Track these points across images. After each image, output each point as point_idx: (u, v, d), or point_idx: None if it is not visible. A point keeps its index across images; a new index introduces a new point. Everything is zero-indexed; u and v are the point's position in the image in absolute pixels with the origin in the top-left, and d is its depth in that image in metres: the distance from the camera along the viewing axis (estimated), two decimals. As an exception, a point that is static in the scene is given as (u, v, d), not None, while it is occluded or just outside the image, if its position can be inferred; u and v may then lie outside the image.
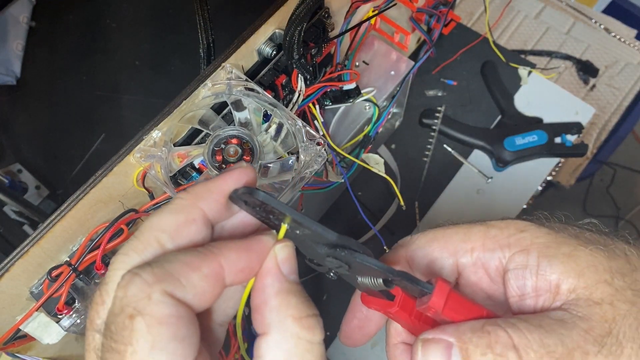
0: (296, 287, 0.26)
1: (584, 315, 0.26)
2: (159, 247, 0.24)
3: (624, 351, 0.25)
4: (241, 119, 0.43)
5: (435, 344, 0.26)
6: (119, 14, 0.92)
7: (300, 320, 0.24)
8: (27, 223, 0.70)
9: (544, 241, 0.28)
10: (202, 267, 0.23)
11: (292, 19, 0.43)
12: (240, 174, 0.27)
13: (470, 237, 0.30)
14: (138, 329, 0.21)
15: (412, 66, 0.60)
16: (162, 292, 0.22)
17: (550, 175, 0.82)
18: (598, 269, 0.27)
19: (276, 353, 0.24)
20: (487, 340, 0.25)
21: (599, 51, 0.90)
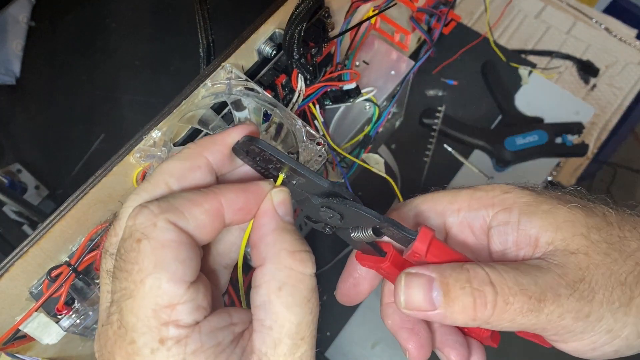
0: (290, 226, 0.28)
1: (559, 262, 0.28)
2: (167, 188, 0.27)
3: (595, 297, 0.27)
4: (241, 119, 0.43)
5: (417, 278, 0.28)
6: (118, 14, 0.92)
7: (293, 254, 0.27)
8: (27, 223, 0.70)
9: (525, 200, 0.30)
10: (204, 203, 0.26)
11: (292, 19, 0.43)
12: (244, 129, 0.29)
13: (457, 199, 0.32)
14: (144, 250, 0.24)
15: (413, 66, 0.60)
16: (166, 220, 0.25)
17: (550, 175, 0.81)
18: (575, 224, 0.29)
19: (270, 282, 0.26)
20: (466, 276, 0.27)
21: (600, 51, 0.90)
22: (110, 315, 0.25)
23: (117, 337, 0.24)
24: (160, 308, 0.24)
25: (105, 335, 0.25)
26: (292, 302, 0.26)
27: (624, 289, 0.27)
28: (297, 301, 0.26)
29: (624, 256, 0.28)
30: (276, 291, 0.26)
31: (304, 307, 0.26)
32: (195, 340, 0.24)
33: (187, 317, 0.24)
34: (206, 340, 0.24)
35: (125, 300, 0.24)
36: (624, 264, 0.28)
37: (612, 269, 0.28)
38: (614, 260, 0.28)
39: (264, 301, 0.26)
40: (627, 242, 0.29)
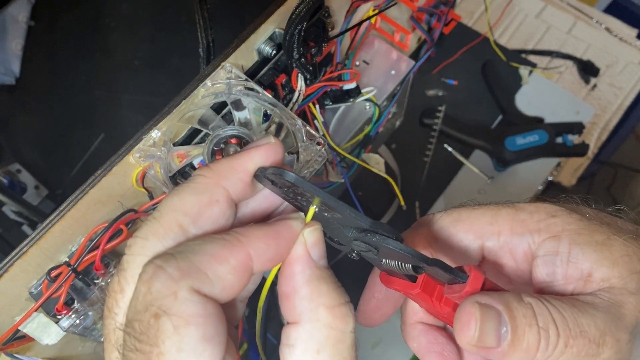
0: (327, 273, 0.24)
1: (616, 302, 0.25)
2: (181, 232, 0.23)
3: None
4: (241, 119, 0.43)
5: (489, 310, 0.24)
6: (118, 14, 0.92)
7: (332, 310, 0.23)
8: (26, 223, 0.70)
9: (575, 228, 0.27)
10: (230, 259, 0.22)
11: (292, 18, 0.43)
12: (268, 150, 0.25)
13: (498, 220, 0.29)
14: (164, 330, 0.20)
15: (413, 66, 0.60)
16: (189, 289, 0.21)
17: (551, 175, 0.81)
18: (632, 259, 0.26)
19: (308, 343, 0.23)
20: (532, 312, 0.24)
21: (600, 51, 0.90)
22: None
23: None
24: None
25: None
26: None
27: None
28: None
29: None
30: (314, 354, 0.23)
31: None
32: None
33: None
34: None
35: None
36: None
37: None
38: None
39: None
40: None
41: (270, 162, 0.25)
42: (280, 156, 0.26)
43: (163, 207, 0.24)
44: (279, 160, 0.26)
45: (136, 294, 0.21)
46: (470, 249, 0.29)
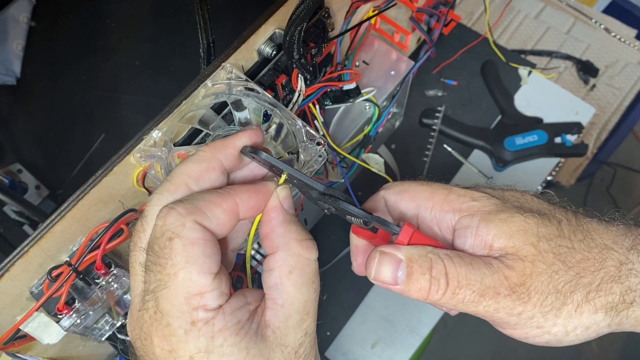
0: (295, 218, 0.33)
1: (508, 265, 0.32)
2: (187, 189, 0.31)
3: (530, 300, 0.31)
4: (241, 119, 0.43)
5: (389, 258, 0.33)
6: (119, 14, 0.92)
7: (300, 242, 0.31)
8: (27, 223, 0.70)
9: (488, 209, 0.34)
10: (222, 204, 0.30)
11: (292, 19, 0.43)
12: (251, 134, 0.34)
13: (433, 197, 0.36)
14: (176, 247, 0.28)
15: (412, 66, 0.60)
16: (193, 221, 0.29)
17: (550, 175, 0.82)
18: (527, 233, 0.32)
19: (282, 266, 0.31)
20: (428, 264, 0.32)
21: (599, 51, 0.90)
22: (146, 302, 0.29)
23: (153, 320, 0.29)
24: (191, 296, 0.28)
25: (141, 319, 0.29)
26: (301, 283, 0.31)
27: (558, 295, 0.32)
28: (305, 282, 0.31)
29: (566, 267, 0.32)
30: (287, 274, 0.31)
31: (310, 287, 0.31)
32: (220, 320, 0.29)
33: (213, 302, 0.29)
34: (229, 319, 0.29)
35: (161, 290, 0.28)
36: (565, 274, 0.32)
37: (552, 278, 0.32)
38: (555, 271, 0.32)
39: (276, 283, 0.31)
40: (573, 254, 0.32)
41: (252, 142, 0.34)
42: (261, 138, 0.34)
43: (174, 172, 0.32)
44: (260, 141, 0.34)
45: (155, 227, 0.29)
46: (408, 215, 0.37)
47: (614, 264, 0.32)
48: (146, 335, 0.29)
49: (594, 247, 0.33)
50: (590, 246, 0.33)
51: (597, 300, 0.32)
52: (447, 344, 1.16)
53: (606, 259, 0.32)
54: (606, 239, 0.33)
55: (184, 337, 0.28)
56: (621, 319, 0.32)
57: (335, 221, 0.76)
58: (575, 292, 0.32)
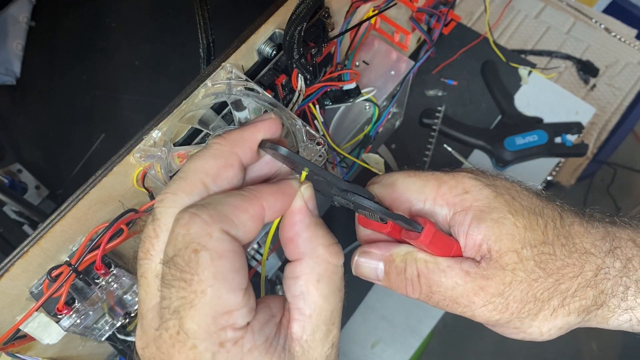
0: (320, 221, 0.30)
1: (487, 274, 0.32)
2: (204, 189, 0.28)
3: (508, 308, 0.32)
4: (241, 119, 0.43)
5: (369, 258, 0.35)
6: (118, 14, 0.92)
7: (328, 248, 0.29)
8: (27, 223, 0.70)
9: (480, 205, 0.34)
10: (249, 209, 0.27)
11: (292, 19, 0.43)
12: (270, 125, 0.31)
13: (425, 190, 0.35)
14: (203, 261, 0.25)
15: (412, 66, 0.60)
16: (220, 230, 0.26)
17: (550, 175, 0.82)
18: (514, 239, 0.32)
19: (310, 275, 0.28)
20: (402, 267, 0.34)
21: (599, 51, 0.90)
22: (166, 320, 0.26)
23: (175, 341, 0.26)
24: (220, 315, 0.26)
25: (160, 339, 0.27)
26: (328, 292, 0.29)
27: (536, 302, 0.32)
28: (332, 291, 0.29)
29: (546, 274, 0.32)
30: (315, 283, 0.28)
31: (337, 295, 0.29)
32: (249, 340, 0.26)
33: (242, 320, 0.26)
34: (258, 337, 0.27)
35: (186, 309, 0.25)
36: (544, 281, 0.32)
37: (531, 286, 0.32)
38: (534, 279, 0.32)
39: (302, 292, 0.28)
40: (554, 261, 0.33)
41: (271, 134, 0.31)
42: (279, 129, 0.32)
43: (187, 169, 0.29)
44: (277, 132, 0.31)
45: (175, 235, 0.26)
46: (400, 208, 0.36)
47: (592, 269, 0.33)
48: (165, 357, 0.26)
49: (574, 252, 0.33)
50: (571, 251, 0.33)
51: (571, 305, 0.33)
52: (447, 344, 1.16)
53: (584, 264, 0.33)
54: (586, 243, 0.34)
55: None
56: (590, 317, 0.34)
57: (332, 218, 0.76)
58: (552, 299, 0.32)
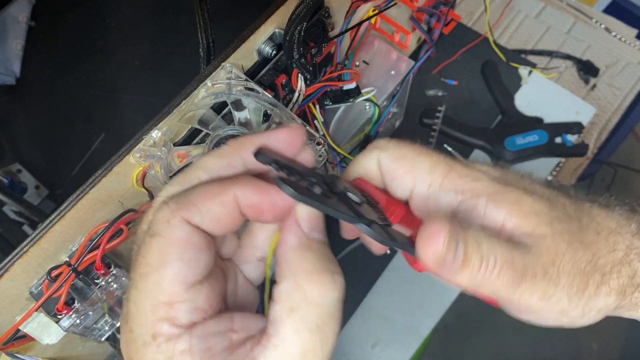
0: (316, 244, 0.27)
1: (533, 243, 0.29)
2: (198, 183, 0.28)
3: (560, 281, 0.29)
4: (241, 119, 0.43)
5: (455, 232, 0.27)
6: (118, 14, 0.92)
7: (311, 274, 0.25)
8: (27, 223, 0.70)
9: (493, 190, 0.31)
10: (220, 195, 0.26)
11: (292, 19, 0.43)
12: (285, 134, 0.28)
13: (434, 172, 0.32)
14: (153, 246, 0.25)
15: (413, 66, 0.60)
16: (181, 218, 0.25)
17: (550, 175, 0.81)
18: (539, 215, 0.30)
19: (285, 301, 0.25)
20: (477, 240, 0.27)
21: (600, 51, 0.90)
22: (123, 300, 0.27)
23: (123, 321, 0.26)
24: (159, 304, 0.25)
25: (121, 316, 0.27)
26: (302, 326, 0.25)
27: (582, 277, 0.29)
28: (308, 327, 0.25)
29: (584, 246, 0.30)
30: (288, 312, 0.25)
31: (315, 334, 0.25)
32: (185, 341, 0.25)
33: (184, 317, 0.25)
34: (196, 343, 0.25)
35: (132, 290, 0.26)
36: (584, 253, 0.30)
37: (575, 258, 0.29)
38: (575, 250, 0.29)
39: (275, 318, 0.25)
40: (586, 235, 0.30)
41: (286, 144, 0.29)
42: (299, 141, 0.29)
43: (193, 164, 0.29)
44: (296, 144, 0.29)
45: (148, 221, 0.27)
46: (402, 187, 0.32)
47: (622, 248, 0.31)
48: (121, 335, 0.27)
49: (601, 230, 0.31)
50: (597, 230, 0.31)
51: (611, 282, 0.30)
52: (447, 344, 1.16)
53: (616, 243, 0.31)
54: (610, 223, 0.32)
55: (142, 350, 0.25)
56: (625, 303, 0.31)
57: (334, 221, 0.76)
58: (594, 273, 0.30)
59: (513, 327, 0.87)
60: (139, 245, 0.26)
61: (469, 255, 0.27)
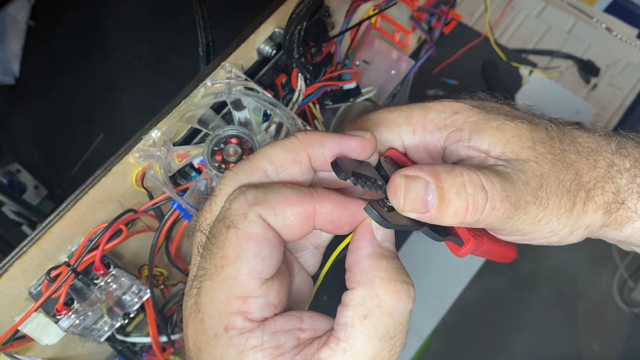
0: (389, 253, 0.27)
1: (520, 169, 0.29)
2: (264, 176, 0.28)
3: (549, 203, 0.29)
4: (241, 119, 0.43)
5: (415, 181, 0.27)
6: (118, 14, 0.92)
7: (387, 283, 0.26)
8: (26, 223, 0.70)
9: (475, 119, 0.31)
10: (298, 205, 0.26)
11: (292, 18, 0.43)
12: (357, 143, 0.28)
13: (412, 120, 0.33)
14: (230, 238, 0.25)
15: (413, 65, 0.60)
16: (257, 214, 0.25)
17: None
18: (522, 138, 0.30)
19: (358, 307, 0.25)
20: (460, 180, 0.27)
21: (601, 50, 0.90)
22: (192, 288, 0.27)
23: (191, 310, 0.26)
24: (233, 297, 0.25)
25: (185, 304, 0.27)
26: (374, 334, 0.25)
27: (569, 195, 0.30)
28: (379, 334, 0.25)
29: (566, 166, 0.30)
30: (361, 318, 0.25)
31: (385, 342, 0.25)
32: (257, 336, 0.25)
33: (256, 312, 0.25)
34: (268, 339, 0.25)
35: (205, 280, 0.26)
36: (567, 173, 0.30)
37: (560, 178, 0.29)
38: (559, 170, 0.30)
39: (346, 322, 0.25)
40: (567, 154, 0.31)
41: (356, 154, 0.29)
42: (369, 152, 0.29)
43: (257, 152, 0.29)
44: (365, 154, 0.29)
45: (220, 208, 0.27)
46: (393, 143, 0.33)
47: (603, 166, 0.31)
48: (185, 323, 0.27)
49: (582, 150, 0.31)
50: (579, 150, 0.31)
51: (597, 198, 0.30)
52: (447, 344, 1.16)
53: (597, 161, 0.31)
54: (591, 143, 0.32)
55: (213, 341, 0.25)
56: (611, 220, 0.31)
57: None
58: (580, 191, 0.30)
59: (513, 327, 0.87)
60: (213, 235, 0.26)
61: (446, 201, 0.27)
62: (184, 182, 0.42)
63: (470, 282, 0.81)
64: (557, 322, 0.86)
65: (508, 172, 0.29)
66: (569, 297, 0.88)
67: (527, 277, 0.87)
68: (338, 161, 0.28)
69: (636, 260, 0.89)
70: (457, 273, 0.81)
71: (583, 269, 0.89)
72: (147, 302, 0.46)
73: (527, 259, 0.88)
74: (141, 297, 0.45)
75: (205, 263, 0.26)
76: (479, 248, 0.31)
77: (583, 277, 0.89)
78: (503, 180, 0.28)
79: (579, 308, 0.88)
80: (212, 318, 0.25)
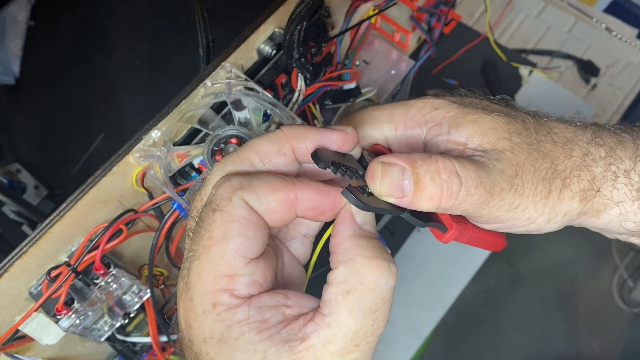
0: (370, 234, 0.29)
1: (496, 158, 0.30)
2: (250, 165, 0.30)
3: (525, 191, 0.30)
4: (241, 119, 0.43)
5: (391, 167, 0.28)
6: (118, 14, 0.92)
7: (369, 259, 0.27)
8: (26, 223, 0.70)
9: (454, 114, 0.33)
10: (280, 192, 0.28)
11: (292, 18, 0.43)
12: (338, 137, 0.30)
13: (394, 118, 0.34)
14: (216, 220, 0.27)
15: (413, 65, 0.60)
16: (240, 197, 0.27)
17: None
18: (498, 130, 0.32)
19: (341, 283, 0.27)
20: (435, 167, 0.28)
21: (600, 50, 0.90)
22: (183, 269, 0.28)
23: (182, 290, 0.28)
24: (220, 276, 0.27)
25: (178, 287, 0.29)
26: (357, 308, 0.26)
27: (545, 183, 0.31)
28: (362, 309, 0.27)
29: (542, 155, 0.31)
30: (344, 294, 0.27)
31: (368, 317, 0.27)
32: (243, 311, 0.26)
33: (242, 289, 0.27)
34: (254, 314, 0.27)
35: (194, 261, 0.27)
36: (543, 162, 0.31)
37: (535, 166, 0.31)
38: (535, 159, 0.31)
39: (330, 299, 0.27)
40: (543, 144, 0.32)
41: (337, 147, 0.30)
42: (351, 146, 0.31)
43: (244, 145, 0.30)
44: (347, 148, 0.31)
45: (208, 194, 0.29)
46: (378, 140, 0.35)
47: (579, 154, 0.32)
48: (178, 304, 0.28)
49: (558, 140, 0.33)
50: (555, 140, 0.33)
51: (572, 186, 0.32)
52: (447, 344, 1.16)
53: (572, 150, 0.32)
54: (567, 133, 0.33)
55: (201, 317, 0.27)
56: (587, 208, 0.32)
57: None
58: (555, 179, 0.31)
59: (513, 327, 0.87)
60: (201, 218, 0.28)
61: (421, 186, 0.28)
62: (184, 182, 0.42)
63: (470, 282, 0.81)
64: (557, 322, 0.86)
65: (484, 161, 0.30)
66: (569, 297, 0.88)
67: (526, 277, 0.87)
68: (318, 152, 0.29)
69: (636, 260, 0.89)
70: (456, 273, 0.81)
71: (583, 268, 0.89)
72: (147, 302, 0.46)
73: (527, 259, 0.88)
74: (141, 297, 0.45)
75: (193, 245, 0.28)
76: (463, 235, 0.32)
77: (583, 276, 0.89)
78: (478, 167, 0.29)
79: (578, 308, 0.88)
80: (200, 295, 0.27)
